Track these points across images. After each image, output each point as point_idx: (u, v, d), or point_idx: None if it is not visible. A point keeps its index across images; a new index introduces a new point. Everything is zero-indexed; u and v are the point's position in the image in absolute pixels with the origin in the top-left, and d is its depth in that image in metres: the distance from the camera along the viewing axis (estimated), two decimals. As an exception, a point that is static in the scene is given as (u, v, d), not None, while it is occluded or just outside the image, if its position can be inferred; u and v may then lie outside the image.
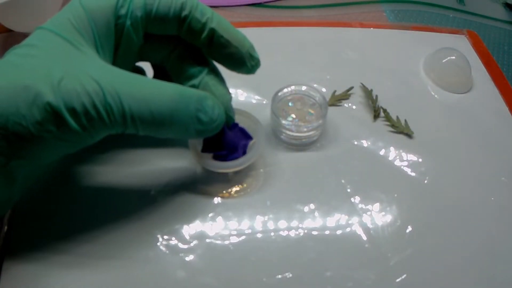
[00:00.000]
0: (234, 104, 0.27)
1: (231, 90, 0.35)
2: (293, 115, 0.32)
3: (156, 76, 0.30)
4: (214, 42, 0.25)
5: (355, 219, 0.28)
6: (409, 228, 0.28)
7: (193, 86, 0.26)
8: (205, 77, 0.26)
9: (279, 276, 0.26)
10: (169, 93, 0.23)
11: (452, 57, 0.38)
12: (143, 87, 0.22)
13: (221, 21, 0.25)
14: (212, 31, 0.25)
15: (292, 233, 0.28)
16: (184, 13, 0.24)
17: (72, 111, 0.20)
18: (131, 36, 0.25)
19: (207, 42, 0.25)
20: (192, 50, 0.26)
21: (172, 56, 0.27)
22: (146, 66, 0.29)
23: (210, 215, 0.28)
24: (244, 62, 0.26)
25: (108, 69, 0.22)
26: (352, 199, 0.29)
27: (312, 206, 0.29)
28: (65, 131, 0.21)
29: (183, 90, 0.23)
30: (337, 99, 0.36)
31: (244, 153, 0.28)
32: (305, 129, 0.31)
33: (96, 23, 0.23)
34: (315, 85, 0.34)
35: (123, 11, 0.24)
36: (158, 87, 0.23)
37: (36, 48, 0.21)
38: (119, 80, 0.22)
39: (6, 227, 0.27)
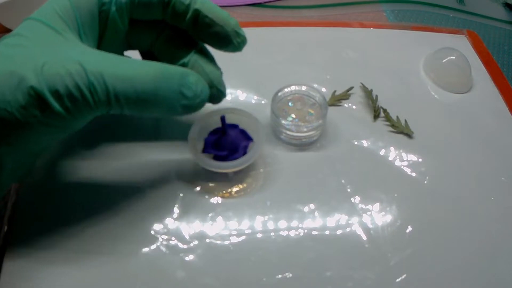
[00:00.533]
0: (234, 104, 0.27)
1: (231, 91, 0.35)
2: (293, 115, 0.32)
3: None
4: (199, 22, 0.25)
5: (355, 219, 0.28)
6: (409, 228, 0.28)
7: (183, 64, 0.26)
8: (193, 56, 0.26)
9: (279, 276, 0.26)
10: (152, 70, 0.23)
11: (452, 57, 0.38)
12: (126, 66, 0.22)
13: (204, 2, 0.25)
14: (197, 12, 0.25)
15: (292, 233, 0.28)
16: None
17: (56, 93, 0.20)
18: (117, 22, 0.25)
19: (192, 23, 0.25)
20: (178, 33, 0.27)
21: (159, 41, 0.27)
22: (135, 55, 0.29)
23: (210, 215, 0.28)
24: (230, 40, 0.26)
25: (90, 51, 0.23)
26: (352, 199, 0.29)
27: (312, 206, 0.29)
28: (49, 115, 0.21)
29: (165, 67, 0.24)
30: (337, 99, 0.36)
31: (244, 154, 0.28)
32: (305, 129, 0.31)
33: (80, 12, 0.24)
34: (315, 85, 0.34)
35: None
36: (141, 65, 0.23)
37: (24, 38, 0.22)
38: (101, 60, 0.22)
39: (6, 227, 0.27)
